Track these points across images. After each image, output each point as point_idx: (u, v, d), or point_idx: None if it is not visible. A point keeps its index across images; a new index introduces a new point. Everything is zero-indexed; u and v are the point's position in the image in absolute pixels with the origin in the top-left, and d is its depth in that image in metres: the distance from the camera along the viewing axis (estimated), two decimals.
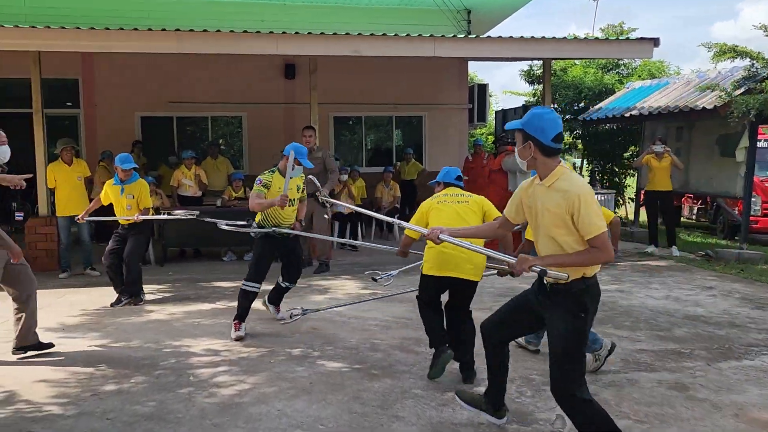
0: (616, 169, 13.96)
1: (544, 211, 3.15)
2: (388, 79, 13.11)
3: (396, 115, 13.61)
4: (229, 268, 8.82)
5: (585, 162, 14.77)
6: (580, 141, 14.53)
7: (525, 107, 15.07)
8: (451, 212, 4.52)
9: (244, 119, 12.97)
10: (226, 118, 13.24)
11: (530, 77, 15.51)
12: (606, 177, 14.02)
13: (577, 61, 15.21)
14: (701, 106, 9.61)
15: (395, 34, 8.57)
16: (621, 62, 14.95)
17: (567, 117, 14.22)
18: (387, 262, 8.02)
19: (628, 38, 9.17)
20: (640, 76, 14.26)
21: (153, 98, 12.19)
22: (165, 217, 7.71)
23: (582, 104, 14.48)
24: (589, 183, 9.47)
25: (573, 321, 3.12)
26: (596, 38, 12.13)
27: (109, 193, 6.77)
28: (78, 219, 7.08)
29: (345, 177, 10.58)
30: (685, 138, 11.29)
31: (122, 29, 7.73)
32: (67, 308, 6.49)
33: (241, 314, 5.54)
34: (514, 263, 3.21)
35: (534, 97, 16.11)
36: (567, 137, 15.79)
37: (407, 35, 8.61)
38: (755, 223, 11.58)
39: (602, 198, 9.01)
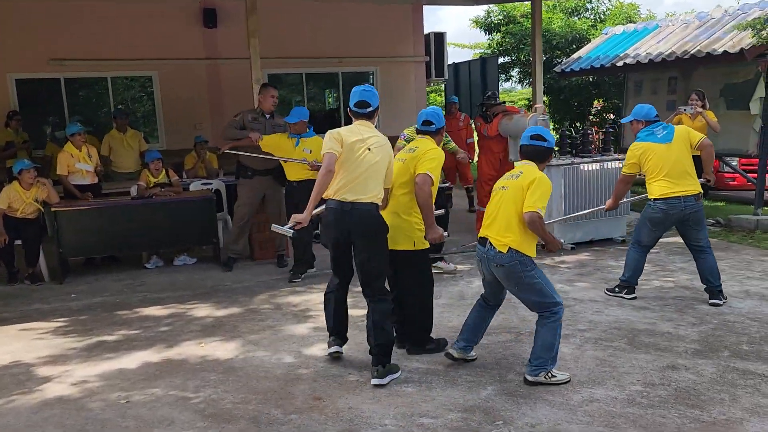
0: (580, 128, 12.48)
1: None
2: (332, 28, 10.93)
3: (342, 71, 11.43)
4: (156, 280, 6.55)
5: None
6: (547, 97, 12.91)
7: (483, 60, 13.31)
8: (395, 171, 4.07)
9: (155, 79, 10.38)
10: (132, 78, 10.60)
11: (487, 26, 13.63)
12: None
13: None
14: (720, 51, 8.13)
15: None
16: (589, 5, 13.33)
17: None
18: None
19: None
20: (613, 22, 12.73)
21: (31, 55, 9.42)
22: None
23: (548, 54, 12.79)
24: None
25: None
26: None
27: (283, 144, 6.29)
28: (219, 151, 6.78)
29: None
30: (680, 89, 9.88)
31: None
32: None
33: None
34: None
35: (489, 48, 14.33)
36: None
37: None
38: (732, 180, 10.62)
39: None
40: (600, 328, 4.70)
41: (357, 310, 5.20)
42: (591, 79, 12.00)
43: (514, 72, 14.10)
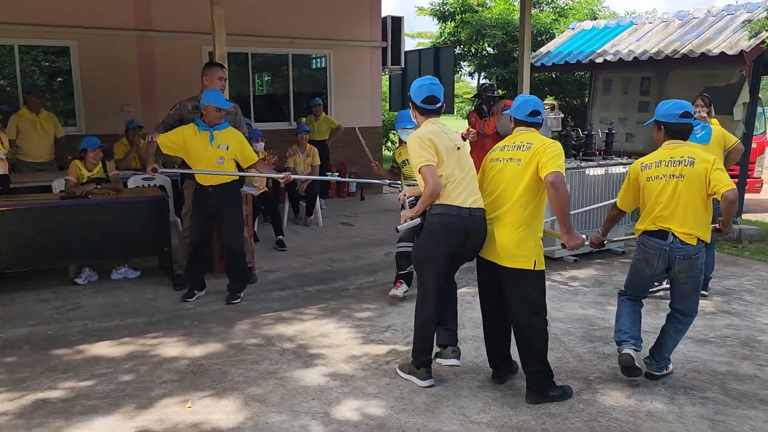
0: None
1: None
2: (283, 6, 9.74)
3: (293, 53, 10.22)
4: (94, 302, 5.20)
5: None
6: (502, 90, 12.32)
7: (436, 49, 12.52)
8: (497, 182, 3.47)
9: (74, 51, 8.72)
10: (44, 48, 8.87)
11: (442, 14, 12.80)
12: None
13: None
14: (717, 51, 7.74)
15: None
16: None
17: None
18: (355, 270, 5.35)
19: None
20: (576, 17, 12.27)
21: None
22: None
23: (507, 47, 12.19)
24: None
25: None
26: None
27: (191, 140, 4.99)
28: (149, 171, 5.13)
29: (261, 145, 7.25)
30: (654, 91, 9.52)
31: None
32: None
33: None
34: None
35: (441, 38, 13.54)
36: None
37: None
38: None
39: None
40: (676, 371, 3.96)
41: (378, 346, 4.20)
42: (554, 76, 11.50)
43: (465, 63, 13.42)
